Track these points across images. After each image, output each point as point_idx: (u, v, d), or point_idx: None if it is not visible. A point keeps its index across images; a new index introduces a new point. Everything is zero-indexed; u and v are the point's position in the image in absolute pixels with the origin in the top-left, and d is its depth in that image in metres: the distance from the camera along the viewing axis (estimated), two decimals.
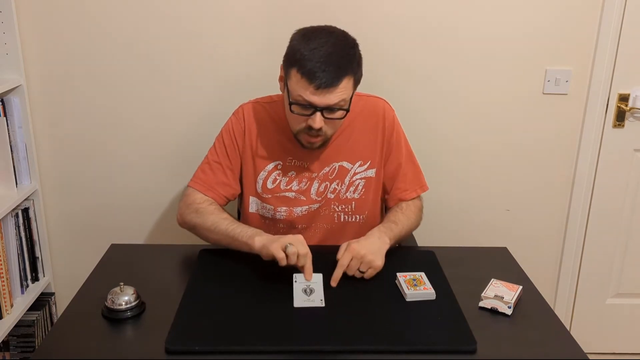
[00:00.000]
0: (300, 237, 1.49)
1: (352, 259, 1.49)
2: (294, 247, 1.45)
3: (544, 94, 2.22)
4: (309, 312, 1.37)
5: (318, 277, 1.45)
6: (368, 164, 1.75)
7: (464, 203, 2.35)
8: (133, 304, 1.37)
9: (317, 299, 1.40)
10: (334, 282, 1.46)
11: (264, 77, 1.90)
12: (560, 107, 2.24)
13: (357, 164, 1.74)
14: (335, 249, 1.68)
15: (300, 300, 1.40)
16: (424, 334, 1.30)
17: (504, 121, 2.25)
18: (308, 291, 1.43)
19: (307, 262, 1.46)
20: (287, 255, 1.45)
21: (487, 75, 2.19)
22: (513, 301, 1.41)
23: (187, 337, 1.27)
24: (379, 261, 1.51)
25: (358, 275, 1.50)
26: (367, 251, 1.50)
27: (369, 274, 1.50)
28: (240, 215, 1.86)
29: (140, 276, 1.53)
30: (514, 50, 2.17)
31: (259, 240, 1.53)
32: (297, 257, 1.45)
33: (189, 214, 1.69)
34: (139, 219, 2.31)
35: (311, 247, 1.50)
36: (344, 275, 1.50)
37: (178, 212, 1.73)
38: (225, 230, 1.61)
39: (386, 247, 1.56)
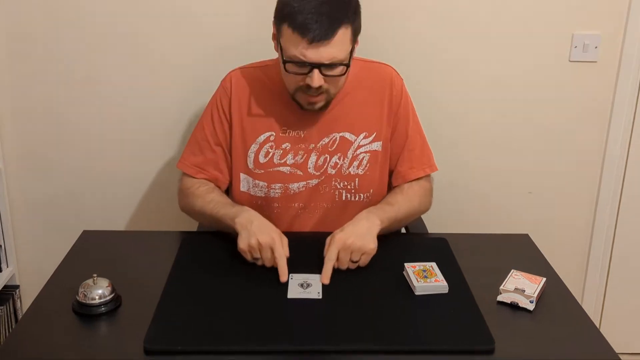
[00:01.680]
0: (273, 238, 1.49)
1: (339, 252, 1.49)
2: (261, 259, 1.50)
3: (570, 61, 2.21)
4: (305, 306, 1.37)
5: (315, 277, 1.46)
6: (373, 136, 1.75)
7: (481, 185, 2.35)
8: (107, 297, 1.37)
9: (314, 292, 1.41)
10: (325, 279, 1.46)
11: (256, 43, 1.90)
12: (588, 76, 2.23)
13: (361, 136, 1.75)
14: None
15: (295, 292, 1.41)
16: (435, 332, 1.30)
17: (526, 92, 2.24)
18: (305, 285, 1.43)
19: (280, 263, 1.47)
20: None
21: (508, 42, 2.17)
22: (536, 295, 1.40)
23: (168, 336, 1.27)
24: (370, 244, 1.52)
25: (352, 266, 1.51)
26: (355, 237, 1.51)
27: (364, 260, 1.51)
28: (229, 195, 1.86)
29: (116, 266, 1.53)
30: (538, 14, 2.15)
31: (238, 224, 1.56)
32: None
33: (182, 200, 1.77)
34: (115, 203, 2.31)
35: (305, 234, 1.51)
36: (341, 269, 1.51)
37: (178, 199, 1.79)
38: (211, 214, 1.66)
39: (376, 228, 1.56)
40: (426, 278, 1.45)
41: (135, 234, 1.89)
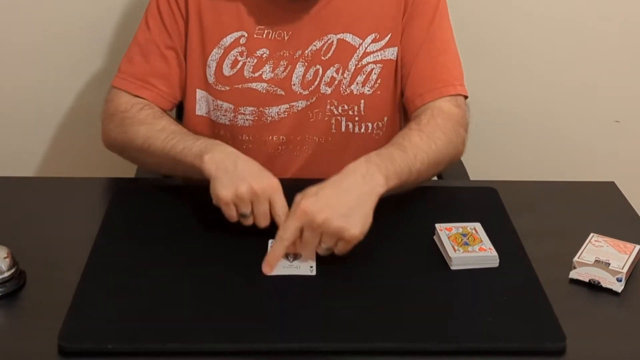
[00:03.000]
0: (272, 187, 1.45)
1: (303, 229, 1.41)
2: (249, 215, 1.44)
3: None
4: (292, 287, 1.38)
5: None
6: (387, 38, 1.76)
7: (547, 113, 2.39)
8: (6, 274, 1.36)
9: (305, 266, 1.42)
10: (266, 267, 1.40)
11: None
12: None
13: (369, 39, 1.75)
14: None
15: (277, 266, 1.41)
16: (479, 324, 1.29)
17: None
18: (291, 256, 1.44)
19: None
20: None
21: None
22: (626, 270, 1.38)
23: (92, 330, 1.26)
24: (353, 227, 1.40)
25: (323, 253, 1.43)
26: (331, 211, 1.39)
27: (342, 249, 1.42)
28: (182, 121, 1.88)
29: (19, 230, 1.53)
30: None
31: (209, 162, 1.49)
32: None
33: (113, 129, 1.72)
34: (22, 137, 2.33)
35: (287, 182, 1.49)
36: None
37: (101, 129, 1.77)
38: (163, 148, 1.62)
39: (376, 193, 1.46)
40: (467, 246, 1.45)
41: (45, 183, 1.88)
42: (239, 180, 1.45)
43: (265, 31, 1.73)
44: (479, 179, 1.83)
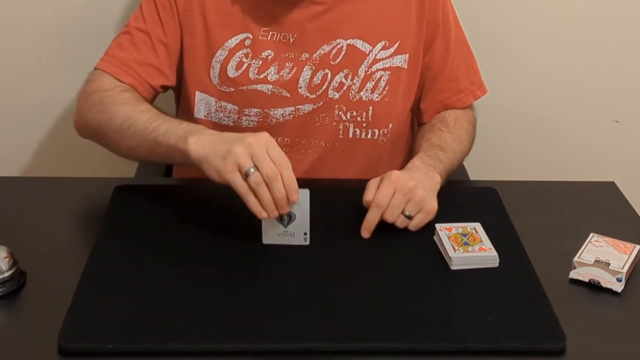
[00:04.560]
0: (265, 137, 1.40)
1: (394, 194, 1.49)
2: (256, 172, 1.36)
3: None
4: (292, 285, 1.39)
5: (302, 195, 1.42)
6: (396, 46, 1.76)
7: (547, 112, 2.38)
8: (6, 274, 1.36)
9: (299, 234, 1.45)
10: (366, 231, 1.49)
11: None
12: None
13: (379, 46, 1.75)
14: (337, 183, 1.73)
15: (272, 235, 1.45)
16: (478, 324, 1.29)
17: None
18: (285, 218, 1.44)
19: (287, 173, 1.38)
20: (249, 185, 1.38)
21: None
22: (626, 270, 1.38)
23: (92, 330, 1.26)
24: (433, 202, 1.53)
25: (401, 224, 1.50)
26: (418, 183, 1.51)
27: (420, 221, 1.51)
28: None
29: (18, 230, 1.53)
30: None
31: (196, 144, 1.45)
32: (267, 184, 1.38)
33: (90, 108, 1.68)
34: (17, 135, 2.32)
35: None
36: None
37: (76, 110, 1.74)
38: (145, 129, 1.57)
39: (437, 187, 1.57)
40: (467, 246, 1.44)
41: (45, 183, 1.86)
42: (229, 144, 1.39)
43: (270, 33, 1.73)
44: (479, 179, 1.83)
